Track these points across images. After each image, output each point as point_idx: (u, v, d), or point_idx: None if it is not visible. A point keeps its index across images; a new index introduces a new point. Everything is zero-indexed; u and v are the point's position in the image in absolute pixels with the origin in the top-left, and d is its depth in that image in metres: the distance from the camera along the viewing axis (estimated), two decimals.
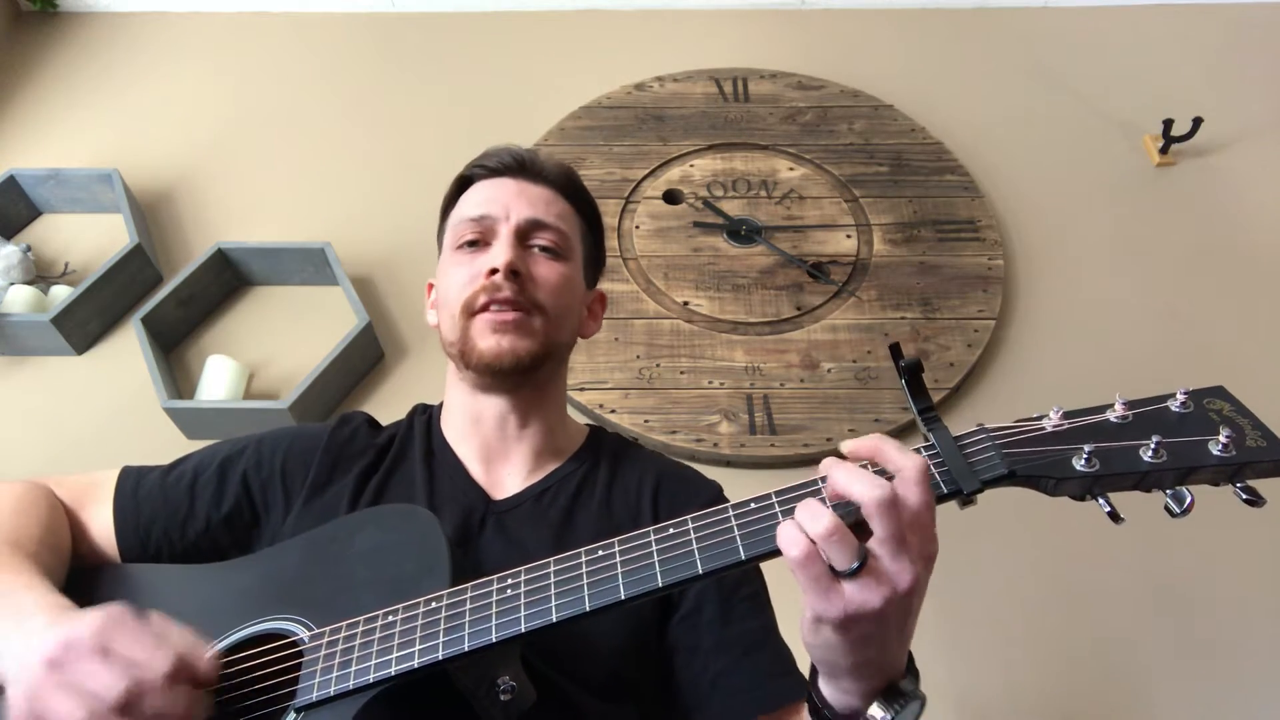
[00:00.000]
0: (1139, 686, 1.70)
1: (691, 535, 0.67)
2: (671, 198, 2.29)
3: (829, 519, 0.60)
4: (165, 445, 1.91)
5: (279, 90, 2.54)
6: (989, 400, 2.03)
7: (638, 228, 2.22)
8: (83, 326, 2.05)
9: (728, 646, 0.87)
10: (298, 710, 0.71)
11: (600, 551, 0.70)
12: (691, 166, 2.34)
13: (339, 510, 0.91)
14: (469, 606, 0.70)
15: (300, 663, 0.73)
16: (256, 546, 0.93)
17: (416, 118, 2.49)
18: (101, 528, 0.93)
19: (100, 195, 2.25)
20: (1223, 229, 2.28)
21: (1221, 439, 0.62)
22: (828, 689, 0.68)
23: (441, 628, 0.69)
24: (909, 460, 0.62)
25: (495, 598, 0.70)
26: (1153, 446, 0.63)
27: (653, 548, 0.68)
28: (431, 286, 1.06)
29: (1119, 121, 2.48)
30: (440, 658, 0.68)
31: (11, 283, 2.06)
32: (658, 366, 2.01)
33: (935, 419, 0.68)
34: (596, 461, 0.99)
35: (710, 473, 1.04)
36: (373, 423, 1.03)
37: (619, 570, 0.68)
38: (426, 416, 1.03)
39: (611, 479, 0.97)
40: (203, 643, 0.70)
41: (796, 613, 0.65)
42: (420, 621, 0.70)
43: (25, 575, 0.78)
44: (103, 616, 0.68)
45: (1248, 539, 1.82)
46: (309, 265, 2.15)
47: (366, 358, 2.04)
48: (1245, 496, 0.62)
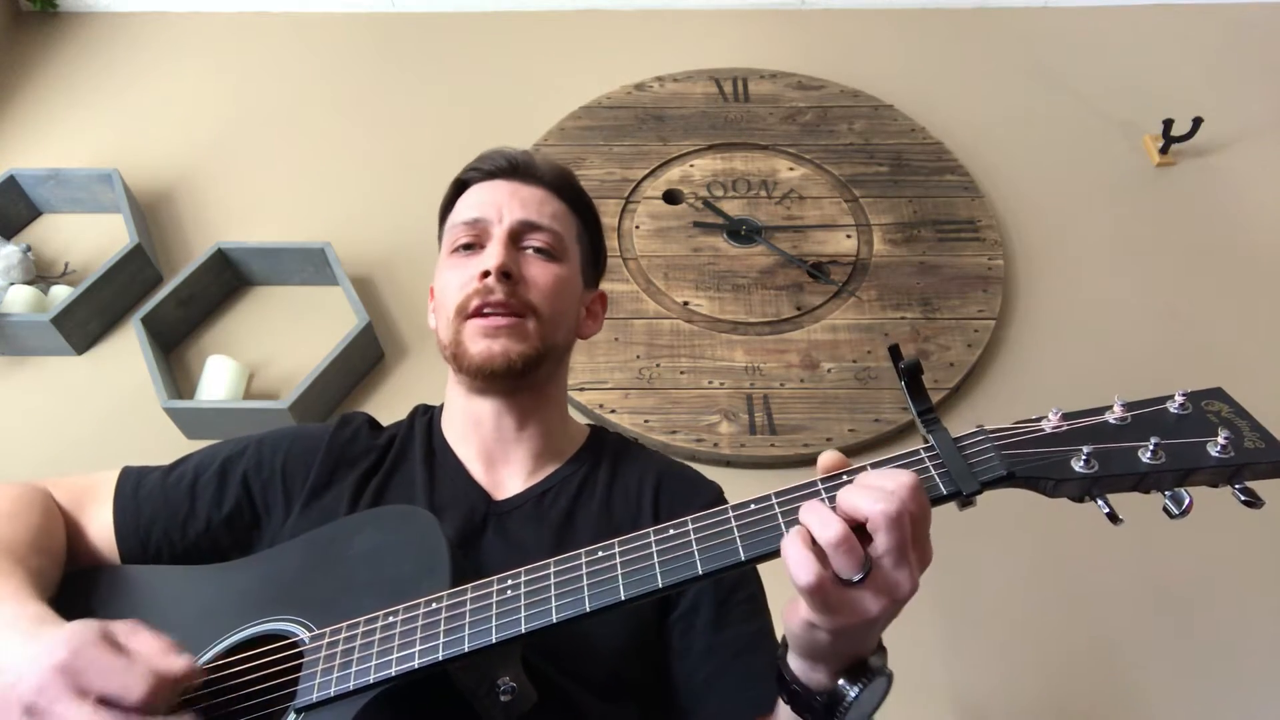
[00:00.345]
0: (1138, 686, 1.70)
1: (691, 536, 0.68)
2: (671, 198, 2.29)
3: (839, 527, 0.60)
4: (165, 445, 1.91)
5: (279, 90, 2.54)
6: (989, 401, 2.03)
7: (638, 228, 2.22)
8: (83, 326, 2.05)
9: (721, 649, 0.87)
10: (298, 711, 0.71)
11: (600, 552, 0.70)
12: (691, 166, 2.34)
13: (339, 511, 0.91)
14: (469, 607, 0.70)
15: (300, 663, 0.73)
16: (257, 547, 0.93)
17: (416, 118, 2.49)
18: (101, 529, 0.92)
19: (100, 195, 2.25)
20: (1223, 229, 2.29)
21: (1220, 440, 0.62)
22: (798, 665, 0.68)
23: (442, 628, 0.69)
24: (905, 476, 0.62)
25: (495, 598, 0.70)
26: (1151, 448, 0.63)
27: (652, 548, 0.68)
28: (432, 291, 1.06)
29: (1119, 121, 2.48)
30: (440, 658, 0.68)
31: (11, 283, 2.06)
32: (658, 366, 2.01)
33: (935, 420, 0.68)
34: (597, 462, 0.99)
35: (710, 473, 1.04)
36: (373, 423, 1.03)
37: (619, 571, 0.68)
38: (428, 417, 1.03)
39: (612, 480, 0.97)
40: (178, 647, 0.68)
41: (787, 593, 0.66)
42: (420, 622, 0.70)
43: (10, 582, 0.78)
44: (66, 649, 0.66)
45: (1246, 540, 1.82)
46: (309, 265, 2.15)
47: (366, 358, 2.05)
48: (1244, 498, 0.62)
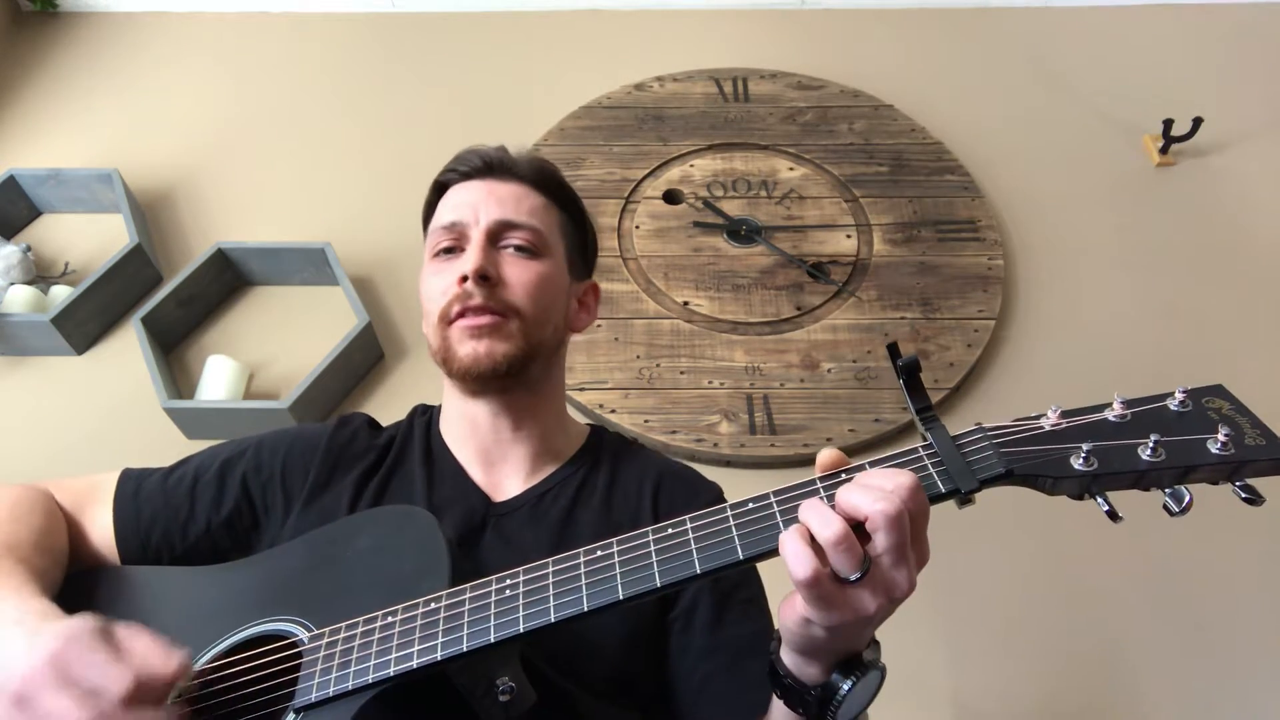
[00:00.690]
0: (1137, 686, 1.70)
1: (690, 535, 0.67)
2: (671, 198, 2.29)
3: (839, 526, 0.60)
4: (165, 445, 1.91)
5: (279, 90, 2.54)
6: (989, 400, 2.03)
7: (638, 228, 2.22)
8: (83, 326, 2.05)
9: (720, 650, 0.87)
10: (297, 711, 0.71)
11: (599, 552, 0.70)
12: (691, 166, 2.34)
13: (339, 512, 0.91)
14: (468, 607, 0.70)
15: (300, 664, 0.73)
16: (257, 548, 0.93)
17: (417, 118, 2.49)
18: (101, 530, 0.93)
19: (100, 195, 2.25)
20: (1222, 229, 2.28)
21: (1220, 437, 0.62)
22: (791, 660, 0.68)
23: (440, 628, 0.69)
24: (904, 476, 0.62)
25: (494, 598, 0.70)
26: (1151, 445, 0.63)
27: (651, 548, 0.68)
28: None
29: (1119, 121, 2.47)
30: (439, 658, 0.68)
31: (11, 283, 2.06)
32: (658, 366, 2.01)
33: (933, 418, 0.68)
34: (597, 463, 0.99)
35: (710, 473, 1.04)
36: (373, 424, 1.03)
37: (617, 570, 0.68)
38: (427, 418, 1.03)
39: (612, 480, 0.97)
40: (168, 648, 0.68)
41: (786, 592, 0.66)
42: (419, 622, 0.70)
43: (13, 580, 0.78)
44: (63, 637, 0.67)
45: (1247, 538, 1.82)
46: (309, 265, 2.15)
47: (366, 358, 2.04)
48: (1244, 495, 0.62)
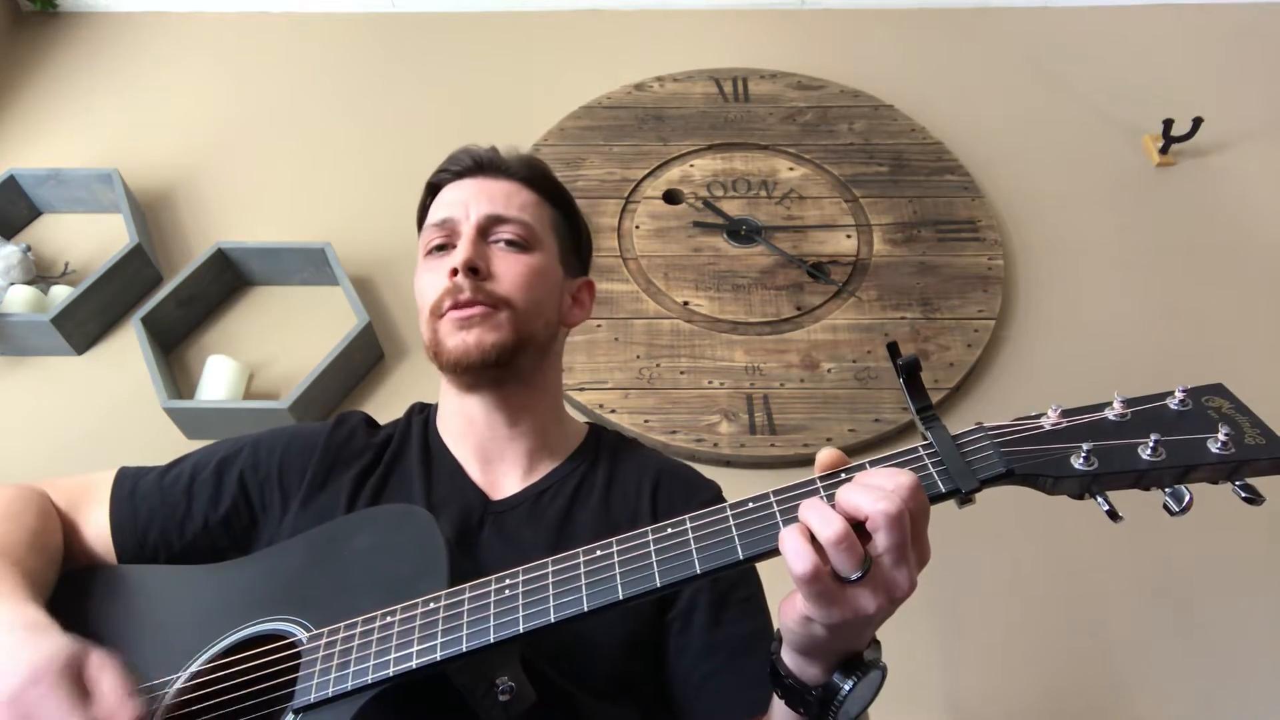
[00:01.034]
0: (1137, 686, 1.69)
1: (690, 535, 0.67)
2: (671, 198, 2.29)
3: (840, 525, 0.59)
4: (165, 445, 1.91)
5: (279, 90, 2.54)
6: (989, 400, 2.03)
7: (638, 228, 2.22)
8: (83, 326, 2.05)
9: (718, 649, 0.87)
10: (296, 711, 0.70)
11: (598, 551, 0.69)
12: (691, 166, 2.34)
13: (337, 510, 0.91)
14: (467, 607, 0.70)
15: (299, 664, 0.73)
16: (254, 547, 0.93)
17: (417, 118, 2.49)
18: (98, 529, 0.92)
19: (100, 195, 2.25)
20: (1222, 229, 2.28)
21: (1220, 437, 0.62)
22: (792, 660, 0.68)
23: (440, 628, 0.69)
24: (904, 475, 0.62)
25: (493, 598, 0.69)
26: (1151, 445, 0.62)
27: (650, 548, 0.68)
28: None
29: (1119, 121, 2.47)
30: (439, 658, 0.68)
31: (11, 283, 2.06)
32: (658, 366, 2.01)
33: (933, 418, 0.68)
34: (595, 461, 0.99)
35: (710, 473, 1.04)
36: (370, 422, 1.03)
37: (617, 570, 0.68)
38: (424, 416, 1.02)
39: (610, 479, 0.97)
40: (132, 693, 0.69)
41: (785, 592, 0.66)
42: (419, 622, 0.70)
43: (5, 585, 0.78)
44: (25, 678, 0.67)
45: (1247, 538, 1.82)
46: (309, 265, 2.15)
47: (366, 358, 2.04)
48: (1244, 494, 0.62)
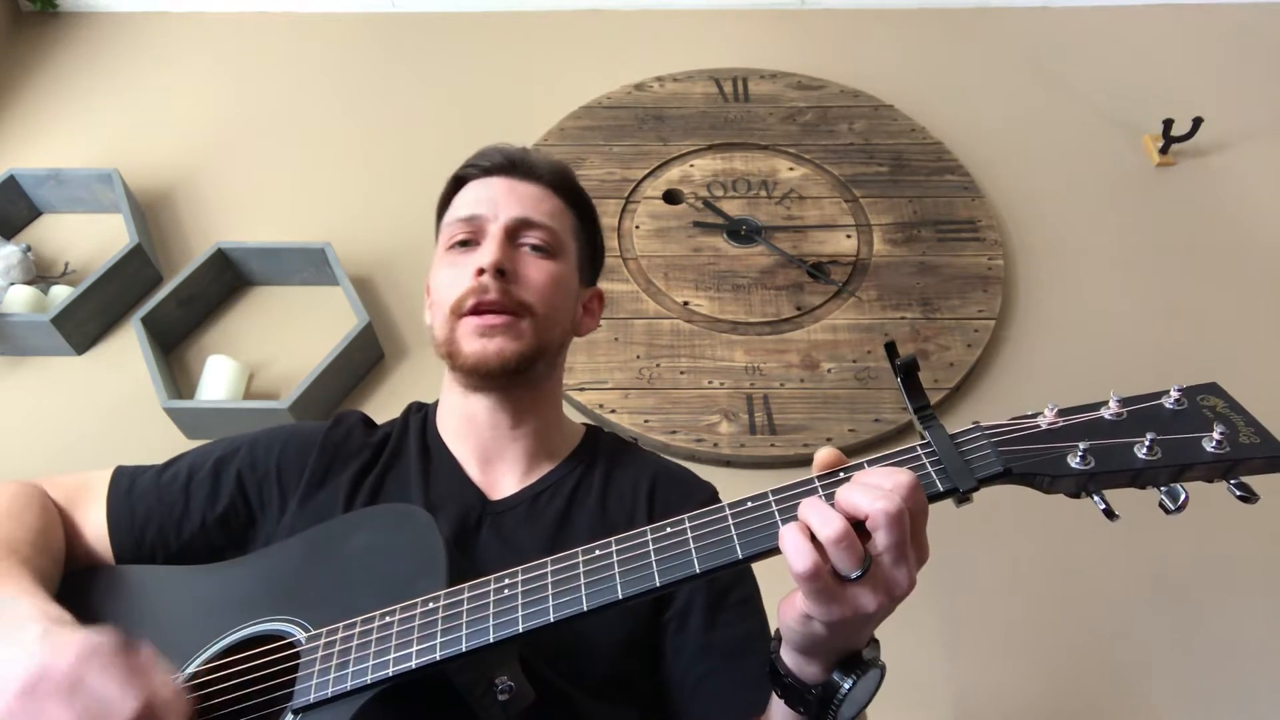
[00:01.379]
0: (1136, 684, 1.70)
1: (689, 535, 0.67)
2: (671, 198, 2.29)
3: (840, 523, 0.60)
4: (165, 445, 1.91)
5: (279, 90, 2.54)
6: (989, 400, 2.03)
7: (638, 228, 2.22)
8: (83, 326, 2.05)
9: (711, 651, 0.87)
10: (296, 711, 0.70)
11: (598, 551, 0.70)
12: (691, 166, 2.34)
13: (334, 510, 0.91)
14: (466, 607, 0.70)
15: (297, 664, 0.73)
16: (252, 546, 0.92)
17: (416, 118, 2.49)
18: (95, 529, 0.92)
19: (100, 195, 2.25)
20: (1222, 229, 2.28)
21: (1215, 436, 0.62)
22: (792, 659, 0.68)
23: (439, 628, 0.69)
24: (903, 475, 0.62)
25: (492, 598, 0.69)
26: (1147, 444, 0.63)
27: (650, 547, 0.68)
28: (428, 288, 1.05)
29: (1119, 121, 2.47)
30: (438, 658, 0.68)
31: (11, 283, 2.06)
32: (658, 366, 2.01)
33: (931, 417, 0.68)
34: (593, 462, 0.99)
35: (710, 473, 1.04)
36: (368, 421, 1.02)
37: (616, 570, 0.68)
38: (422, 415, 1.02)
39: (607, 480, 0.97)
40: (177, 684, 0.69)
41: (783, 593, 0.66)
42: (418, 622, 0.70)
43: (22, 581, 0.77)
44: (84, 647, 0.67)
45: (1243, 535, 1.82)
46: (309, 265, 2.15)
47: (366, 358, 2.05)
48: (1239, 493, 0.62)
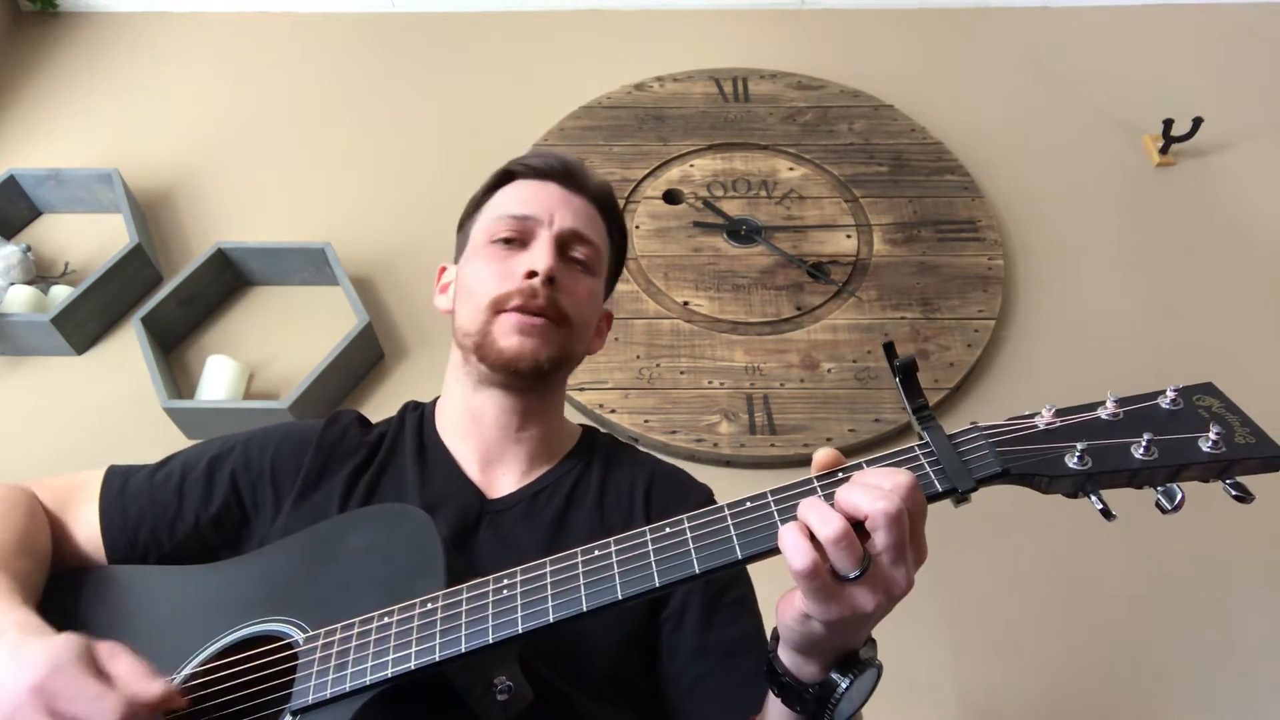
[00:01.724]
0: (1138, 683, 1.70)
1: (688, 535, 0.67)
2: (671, 198, 2.29)
3: (839, 523, 0.60)
4: (165, 445, 1.89)
5: (279, 90, 2.54)
6: (989, 400, 2.03)
7: (638, 228, 2.22)
8: (83, 326, 2.05)
9: (710, 650, 0.87)
10: (294, 713, 0.70)
11: (597, 551, 0.70)
12: (691, 166, 2.34)
13: (330, 510, 0.91)
14: (465, 607, 0.70)
15: (295, 665, 0.73)
16: (246, 546, 0.92)
17: (416, 118, 2.49)
18: (88, 529, 0.91)
19: (100, 195, 2.26)
20: (1222, 229, 2.28)
21: (1211, 436, 0.62)
22: (789, 659, 0.69)
23: (438, 629, 0.69)
24: (902, 475, 0.62)
25: (492, 598, 0.69)
26: (1144, 444, 0.63)
27: (649, 547, 0.68)
28: (444, 270, 1.05)
29: (1119, 121, 2.47)
30: (437, 659, 0.68)
31: (11, 283, 2.06)
32: (658, 366, 2.01)
33: (930, 417, 0.68)
34: (590, 463, 0.99)
35: (710, 472, 1.04)
36: (363, 420, 1.02)
37: (615, 570, 0.68)
38: (419, 414, 1.02)
39: (605, 481, 0.97)
40: (155, 673, 0.68)
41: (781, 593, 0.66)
42: (417, 623, 0.70)
43: None
44: (54, 658, 0.66)
45: (1245, 535, 1.82)
46: (309, 265, 2.15)
47: (366, 358, 2.05)
48: (1234, 493, 0.62)
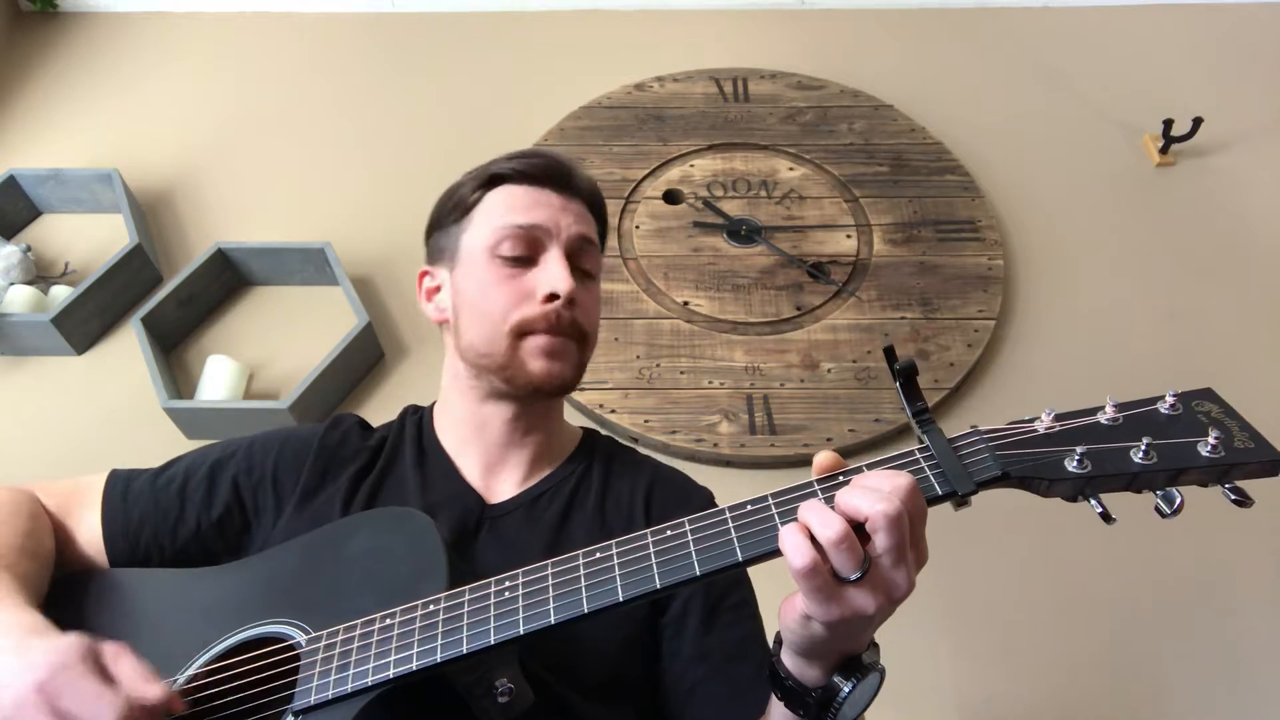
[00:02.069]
0: (1137, 686, 1.70)
1: (689, 537, 0.68)
2: (671, 198, 2.29)
3: (840, 525, 0.60)
4: (165, 445, 1.91)
5: (279, 90, 2.54)
6: (989, 400, 2.03)
7: (638, 228, 2.22)
8: (83, 326, 2.05)
9: (711, 654, 0.87)
10: (295, 714, 0.71)
11: (598, 553, 0.70)
12: (691, 166, 2.34)
13: (332, 514, 0.91)
14: (467, 609, 0.70)
15: (297, 666, 0.73)
16: (248, 551, 0.92)
17: (416, 118, 2.49)
18: (90, 532, 0.91)
19: (100, 195, 2.26)
20: (1222, 229, 2.28)
21: (1210, 440, 0.63)
22: (792, 662, 0.69)
23: (440, 630, 0.69)
24: (902, 477, 0.62)
25: (493, 600, 0.70)
26: (1143, 448, 0.63)
27: (650, 549, 0.68)
28: (425, 274, 1.01)
29: (1119, 121, 2.47)
30: (439, 660, 0.68)
31: (11, 283, 2.06)
32: (658, 366, 2.01)
33: (929, 421, 0.68)
34: (590, 466, 0.99)
35: (710, 473, 1.04)
36: (364, 425, 1.02)
37: (617, 572, 0.68)
38: (418, 418, 1.02)
39: (605, 484, 0.97)
40: (156, 677, 0.68)
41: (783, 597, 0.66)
42: (418, 624, 0.70)
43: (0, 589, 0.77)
44: (56, 659, 0.67)
45: (1246, 538, 1.82)
46: (309, 265, 2.15)
47: (366, 358, 2.05)
48: (1234, 497, 0.62)
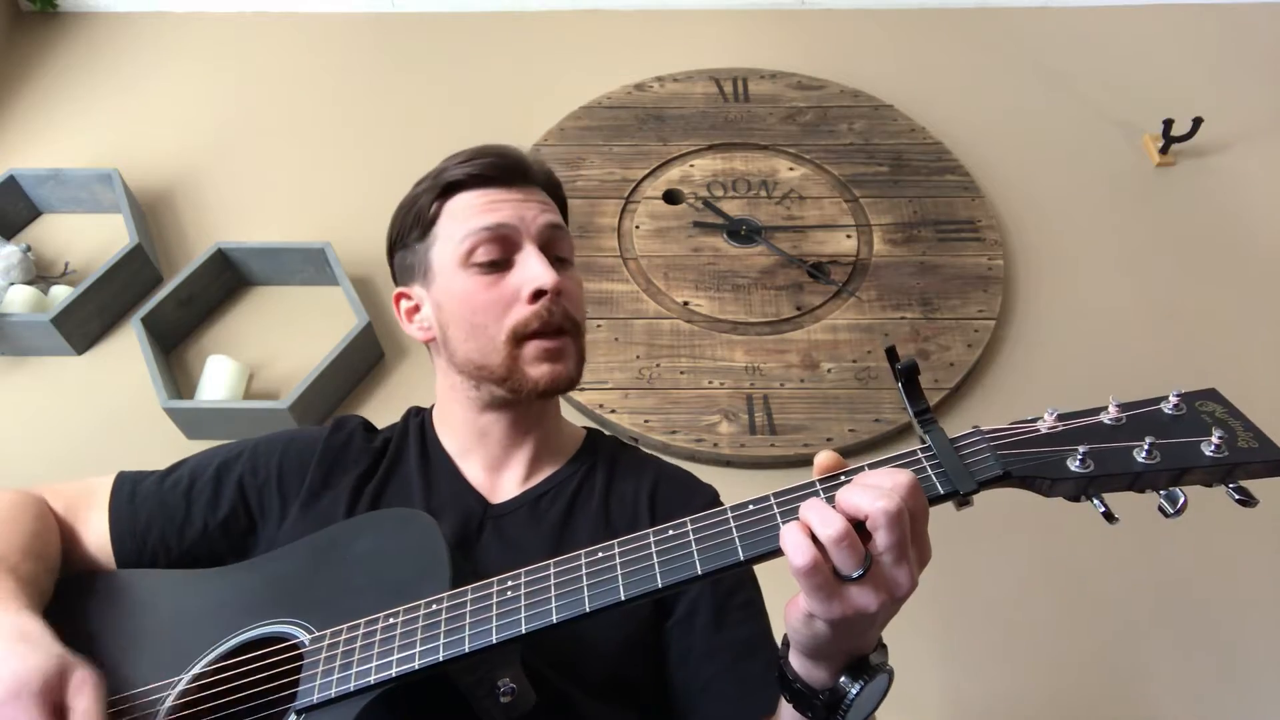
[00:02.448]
0: (1137, 686, 1.70)
1: (691, 536, 0.68)
2: (671, 198, 2.29)
3: (841, 524, 0.60)
4: (165, 445, 1.91)
5: (279, 90, 2.54)
6: (989, 400, 2.03)
7: (638, 228, 2.22)
8: (83, 326, 2.05)
9: (720, 653, 0.87)
10: (298, 712, 0.71)
11: (600, 553, 0.70)
12: (691, 166, 2.34)
13: (336, 515, 0.91)
14: (469, 608, 0.70)
15: (301, 665, 0.74)
16: (253, 552, 0.93)
17: (416, 118, 2.49)
18: (97, 534, 0.92)
19: (100, 195, 2.26)
20: (1222, 229, 2.29)
21: (1214, 440, 0.63)
22: (800, 664, 0.69)
23: (442, 629, 0.70)
24: (903, 475, 0.62)
25: (495, 599, 0.70)
26: (1146, 448, 0.63)
27: (652, 549, 0.68)
28: (401, 296, 0.98)
29: (1119, 121, 2.48)
30: (441, 659, 0.68)
31: (11, 283, 2.06)
32: (658, 366, 2.01)
33: (931, 420, 0.68)
34: (593, 465, 0.99)
35: (710, 473, 1.04)
36: (368, 426, 1.02)
37: (619, 571, 0.68)
38: (420, 419, 1.03)
39: (609, 483, 0.97)
40: (112, 717, 0.70)
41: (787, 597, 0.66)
42: (421, 624, 0.71)
43: None
44: (8, 689, 0.67)
45: (1248, 538, 1.82)
46: (309, 265, 2.15)
47: (366, 358, 2.05)
48: (1237, 497, 0.62)
